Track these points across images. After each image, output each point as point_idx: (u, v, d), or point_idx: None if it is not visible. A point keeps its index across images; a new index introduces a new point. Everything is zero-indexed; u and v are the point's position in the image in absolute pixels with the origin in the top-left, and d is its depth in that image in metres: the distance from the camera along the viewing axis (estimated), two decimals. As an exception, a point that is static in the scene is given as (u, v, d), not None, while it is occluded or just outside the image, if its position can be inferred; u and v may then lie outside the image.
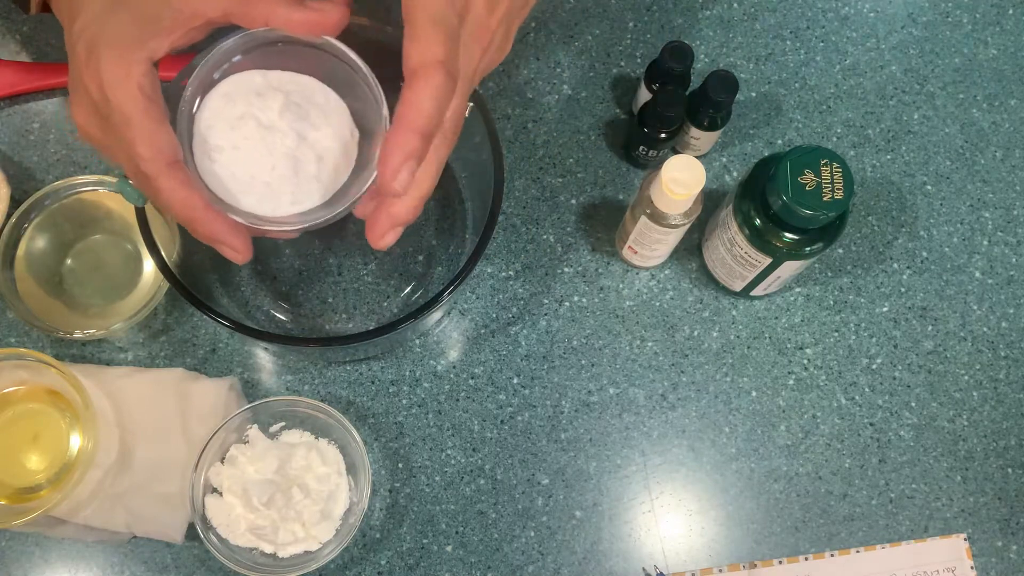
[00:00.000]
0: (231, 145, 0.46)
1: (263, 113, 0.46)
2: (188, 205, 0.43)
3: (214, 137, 0.46)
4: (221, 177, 0.46)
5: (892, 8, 0.77)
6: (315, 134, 0.47)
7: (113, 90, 0.42)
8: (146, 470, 0.61)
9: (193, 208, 0.43)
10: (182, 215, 0.44)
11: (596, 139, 0.72)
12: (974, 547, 0.65)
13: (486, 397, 0.66)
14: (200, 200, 0.44)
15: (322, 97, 0.48)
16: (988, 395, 0.68)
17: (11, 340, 0.65)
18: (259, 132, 0.46)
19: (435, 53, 0.42)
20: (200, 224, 0.44)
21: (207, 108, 0.47)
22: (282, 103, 0.46)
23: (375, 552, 0.63)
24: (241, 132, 0.46)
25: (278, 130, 0.46)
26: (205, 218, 0.44)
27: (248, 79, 0.47)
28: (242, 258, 0.45)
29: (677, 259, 0.69)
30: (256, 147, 0.46)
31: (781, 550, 0.64)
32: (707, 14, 0.76)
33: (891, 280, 0.70)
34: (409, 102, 0.42)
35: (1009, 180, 0.73)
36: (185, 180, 0.43)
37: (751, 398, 0.67)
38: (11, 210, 0.65)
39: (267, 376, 0.66)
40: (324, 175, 0.47)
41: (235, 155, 0.46)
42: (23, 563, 0.62)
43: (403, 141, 0.42)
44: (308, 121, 0.47)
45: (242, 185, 0.46)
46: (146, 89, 0.42)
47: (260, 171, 0.46)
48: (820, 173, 0.56)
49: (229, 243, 0.45)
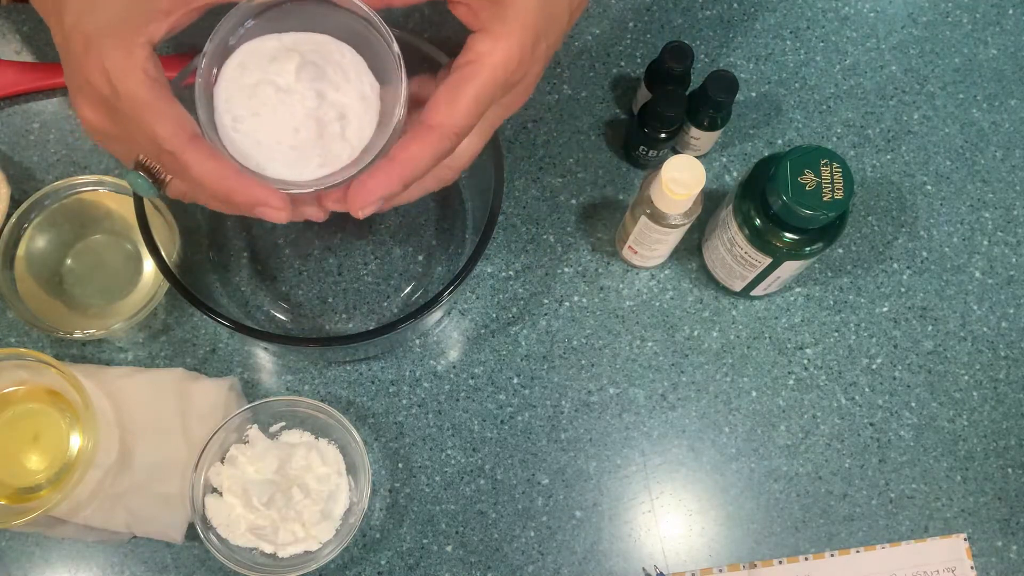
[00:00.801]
0: (251, 113, 0.45)
1: (279, 77, 0.45)
2: (220, 175, 0.42)
3: (233, 108, 0.45)
4: (246, 147, 0.45)
5: (892, 8, 0.77)
6: (335, 93, 0.45)
7: (120, 79, 0.41)
8: (146, 470, 0.61)
9: (225, 176, 0.42)
10: (216, 186, 0.42)
11: (596, 139, 0.72)
12: (974, 547, 0.65)
13: (486, 397, 0.66)
14: (231, 167, 0.42)
15: (338, 54, 0.46)
16: (988, 395, 0.68)
17: (11, 340, 0.65)
18: (277, 96, 0.45)
19: (458, 124, 0.43)
20: (236, 192, 0.42)
21: (223, 80, 0.45)
22: (297, 64, 0.45)
23: (375, 552, 0.63)
24: (259, 99, 0.45)
25: (296, 92, 0.45)
26: (240, 185, 0.42)
27: (261, 45, 0.46)
28: (285, 216, 0.43)
29: (677, 259, 0.69)
30: (276, 112, 0.45)
31: (781, 550, 0.64)
32: (707, 14, 0.76)
33: (891, 280, 0.70)
34: (410, 150, 0.43)
35: (1009, 180, 0.73)
36: (211, 151, 0.42)
37: (751, 398, 0.67)
38: (11, 210, 0.65)
39: (267, 376, 0.66)
40: (350, 132, 0.45)
41: (256, 122, 0.45)
42: (23, 563, 0.62)
43: (385, 183, 0.44)
44: (326, 80, 0.45)
45: (268, 152, 0.45)
46: (151, 72, 0.42)
47: (284, 136, 0.45)
48: (820, 173, 0.56)
49: (271, 203, 0.43)
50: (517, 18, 0.43)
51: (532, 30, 0.43)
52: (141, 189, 0.44)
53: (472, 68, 0.43)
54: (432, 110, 0.43)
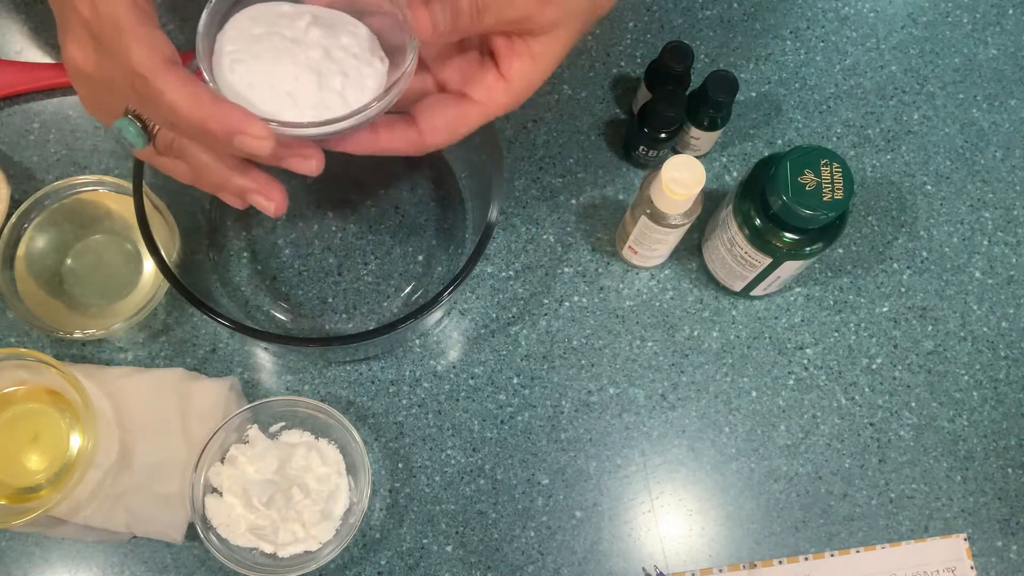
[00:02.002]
0: (251, 56, 0.44)
1: (289, 30, 0.45)
2: (195, 100, 0.40)
3: (235, 51, 0.44)
4: (239, 87, 0.43)
5: (892, 8, 0.77)
6: (341, 52, 0.45)
7: (105, 3, 0.41)
8: (146, 470, 0.61)
9: (200, 102, 0.40)
10: (191, 113, 0.40)
11: (596, 139, 0.72)
12: (974, 547, 0.65)
13: (486, 397, 0.66)
14: (207, 92, 0.41)
15: (352, 24, 0.47)
16: (988, 395, 0.68)
17: (11, 340, 0.65)
18: (283, 44, 0.44)
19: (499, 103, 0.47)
20: (213, 119, 0.40)
21: (229, 27, 0.45)
22: (309, 20, 0.45)
23: (375, 552, 0.63)
24: (264, 45, 0.44)
25: (304, 43, 0.44)
26: (217, 111, 0.40)
27: (275, 6, 0.46)
28: (268, 145, 0.41)
29: (677, 259, 0.69)
30: (279, 57, 0.44)
31: (781, 550, 0.64)
32: (707, 14, 0.76)
33: (891, 280, 0.70)
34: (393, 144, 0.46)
35: (1009, 180, 0.73)
36: (187, 77, 0.41)
37: (751, 398, 0.67)
38: (11, 210, 0.65)
39: (267, 376, 0.66)
40: (349, 92, 0.45)
41: (255, 65, 0.44)
42: (23, 563, 0.62)
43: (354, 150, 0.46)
44: (336, 39, 0.45)
45: (261, 93, 0.43)
46: (139, 1, 0.41)
47: (281, 80, 0.44)
48: (820, 173, 0.56)
49: (251, 130, 0.41)
50: (536, 81, 0.47)
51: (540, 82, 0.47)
52: (130, 135, 0.43)
53: (479, 110, 0.47)
54: (432, 132, 0.47)
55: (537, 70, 0.47)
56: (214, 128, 0.40)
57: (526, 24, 0.45)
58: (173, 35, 0.72)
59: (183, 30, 0.72)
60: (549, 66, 0.47)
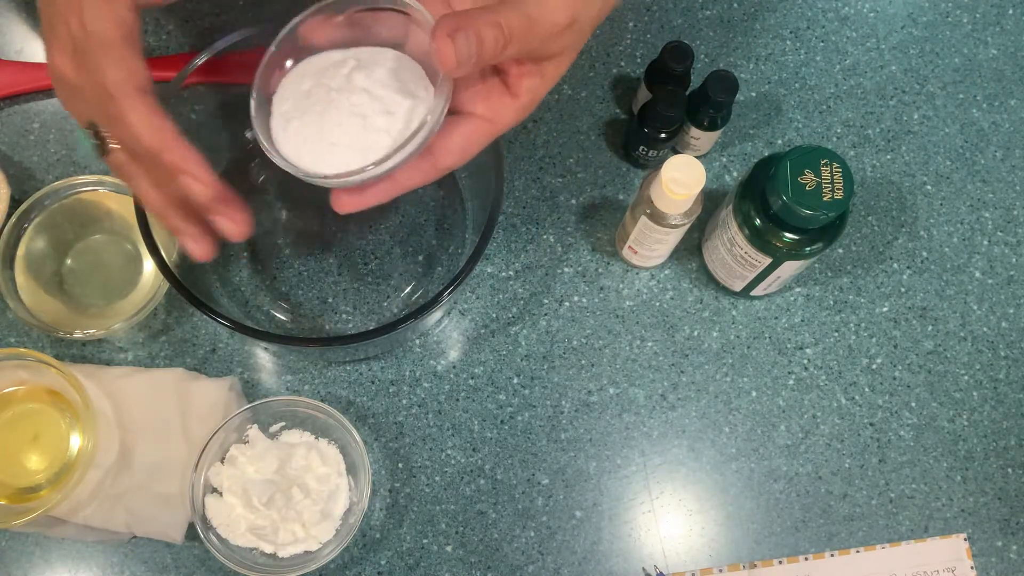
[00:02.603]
0: (300, 112, 0.46)
1: (334, 79, 0.47)
2: (156, 131, 0.43)
3: (287, 111, 0.47)
4: (293, 144, 0.46)
5: (892, 8, 0.77)
6: (384, 90, 0.46)
7: (93, 20, 0.42)
8: (146, 470, 0.61)
9: (162, 134, 0.43)
10: (150, 142, 0.43)
11: (596, 139, 0.72)
12: (974, 547, 0.65)
13: (486, 397, 0.66)
14: (170, 127, 0.43)
15: (394, 60, 0.48)
16: (988, 395, 0.68)
17: (11, 340, 0.65)
18: (329, 95, 0.46)
19: (458, 166, 0.47)
20: (168, 152, 0.43)
21: (283, 87, 0.48)
22: (352, 66, 0.47)
23: (375, 552, 0.63)
24: (311, 99, 0.46)
25: (347, 90, 0.46)
26: (174, 146, 0.43)
27: (326, 56, 0.48)
28: (205, 194, 0.44)
29: (677, 259, 0.69)
30: (325, 110, 0.46)
31: (781, 550, 0.64)
32: (707, 14, 0.76)
33: (891, 280, 0.70)
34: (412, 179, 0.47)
35: (1009, 180, 0.73)
36: (154, 107, 0.43)
37: (751, 398, 0.67)
38: (11, 210, 0.65)
39: (267, 376, 0.66)
40: (395, 129, 0.46)
41: (305, 119, 0.46)
42: (23, 563, 0.62)
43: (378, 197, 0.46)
44: (378, 79, 0.47)
45: (312, 149, 0.46)
46: (127, 23, 0.43)
47: (329, 132, 0.46)
48: (820, 173, 0.56)
49: (193, 172, 0.43)
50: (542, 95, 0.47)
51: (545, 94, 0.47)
52: (84, 148, 0.46)
53: (488, 127, 0.47)
54: (446, 154, 0.47)
55: (545, 85, 0.47)
56: (167, 159, 0.43)
57: (543, 52, 0.45)
58: (173, 35, 0.72)
59: (183, 30, 0.72)
60: (556, 80, 0.47)
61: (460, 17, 0.41)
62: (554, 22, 0.43)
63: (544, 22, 0.43)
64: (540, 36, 0.43)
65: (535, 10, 0.43)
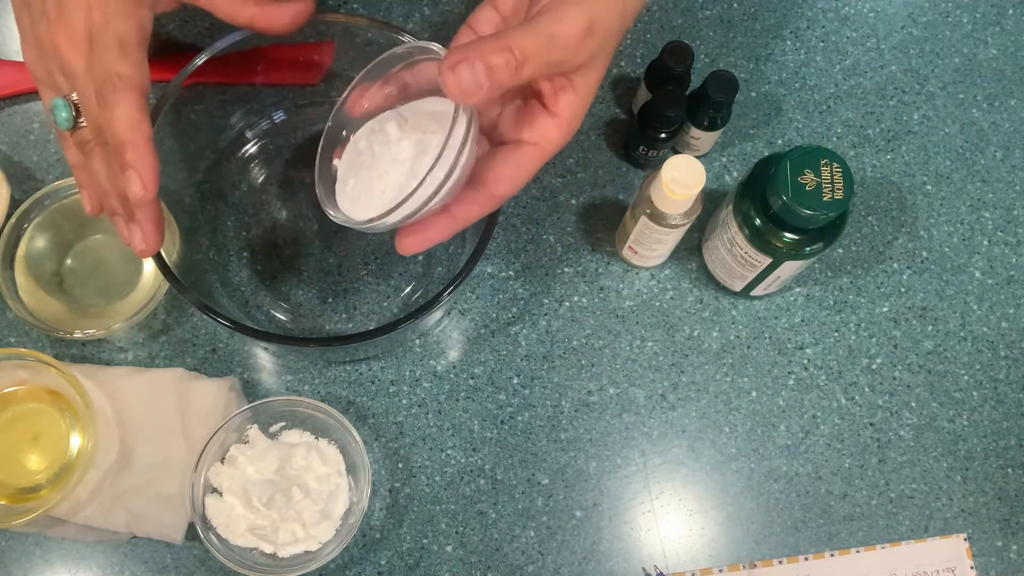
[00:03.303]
0: (355, 169, 0.51)
1: (382, 134, 0.50)
2: (133, 127, 0.46)
3: (344, 171, 0.52)
4: (350, 201, 0.50)
5: (892, 8, 0.77)
6: (424, 135, 0.49)
7: (118, 19, 0.47)
8: (146, 470, 0.61)
9: (136, 131, 0.46)
10: (124, 133, 0.46)
11: (596, 139, 0.72)
12: (974, 547, 0.65)
13: (486, 397, 0.66)
14: (146, 129, 0.46)
15: (434, 104, 0.50)
16: (988, 395, 0.68)
17: (11, 340, 0.65)
18: (378, 149, 0.50)
19: (514, 192, 0.48)
20: (133, 148, 0.46)
21: (346, 151, 0.52)
22: (395, 120, 0.50)
23: (375, 552, 0.63)
24: (364, 156, 0.51)
25: (390, 142, 0.49)
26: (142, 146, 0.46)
27: (374, 121, 0.52)
28: (142, 193, 0.46)
29: (677, 259, 0.69)
30: (373, 162, 0.49)
31: (781, 550, 0.64)
32: (707, 14, 0.76)
33: (891, 280, 0.70)
34: (471, 212, 0.48)
35: (1009, 180, 0.73)
36: (144, 109, 0.47)
37: (751, 398, 0.67)
38: (11, 210, 0.65)
39: (267, 376, 0.66)
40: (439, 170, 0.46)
41: (359, 175, 0.50)
42: (23, 563, 0.62)
43: (442, 234, 0.48)
44: (415, 125, 0.49)
45: (365, 201, 0.49)
46: (145, 30, 0.49)
47: (378, 182, 0.48)
48: (820, 173, 0.56)
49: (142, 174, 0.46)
50: (583, 109, 0.47)
51: (586, 110, 0.48)
52: (60, 117, 0.49)
53: (536, 151, 0.47)
54: (497, 182, 0.47)
55: (583, 100, 0.47)
56: (127, 155, 0.46)
57: (567, 64, 0.45)
58: (173, 35, 0.72)
59: (183, 30, 0.72)
60: (592, 93, 0.47)
61: (468, 47, 0.42)
62: (570, 33, 0.44)
63: (560, 35, 0.43)
64: (560, 49, 0.44)
65: (549, 26, 0.43)
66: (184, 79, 0.58)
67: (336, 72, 0.67)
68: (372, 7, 0.75)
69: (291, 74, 0.68)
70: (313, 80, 0.68)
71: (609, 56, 0.47)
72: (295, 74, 0.68)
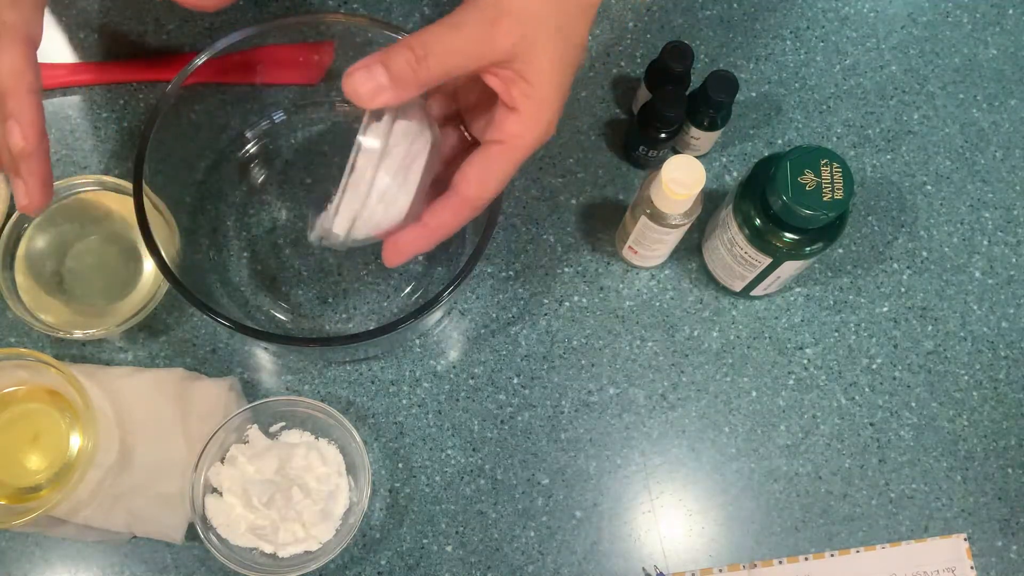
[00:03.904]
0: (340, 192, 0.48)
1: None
2: (15, 75, 0.45)
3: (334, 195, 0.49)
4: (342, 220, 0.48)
5: (892, 8, 0.77)
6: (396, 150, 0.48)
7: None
8: (146, 470, 0.61)
9: (19, 80, 0.45)
10: (4, 81, 0.45)
11: (596, 139, 0.72)
12: (974, 547, 0.65)
13: (486, 397, 0.66)
14: (29, 81, 0.45)
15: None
16: (988, 395, 0.68)
17: (11, 340, 0.65)
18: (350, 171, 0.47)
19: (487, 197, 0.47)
20: (13, 97, 0.45)
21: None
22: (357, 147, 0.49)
23: (375, 552, 0.63)
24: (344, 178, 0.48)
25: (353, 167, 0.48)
26: (23, 95, 0.45)
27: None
28: (21, 144, 0.45)
29: (677, 259, 0.69)
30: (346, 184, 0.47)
31: (781, 550, 0.64)
32: (707, 14, 0.76)
33: (891, 280, 0.70)
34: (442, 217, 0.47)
35: (1009, 180, 0.73)
36: (30, 59, 0.46)
37: (751, 398, 0.67)
38: (11, 210, 0.65)
39: (267, 376, 0.66)
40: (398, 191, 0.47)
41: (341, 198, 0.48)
42: (23, 563, 0.62)
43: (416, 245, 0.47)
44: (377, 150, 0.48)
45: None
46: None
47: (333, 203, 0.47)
48: (820, 173, 0.56)
49: (22, 124, 0.45)
50: (545, 98, 0.46)
51: (556, 106, 0.47)
52: None
53: (502, 149, 0.46)
54: (464, 183, 0.46)
55: (540, 89, 0.45)
56: (8, 105, 0.45)
57: (492, 53, 0.44)
58: (173, 35, 0.72)
59: (183, 30, 0.72)
60: (552, 80, 0.46)
61: (373, 54, 0.42)
62: (476, 19, 0.43)
63: (465, 23, 0.43)
64: (467, 38, 0.43)
65: (454, 17, 0.43)
66: (184, 79, 0.58)
67: (336, 72, 0.67)
68: (372, 7, 0.75)
69: (291, 74, 0.68)
70: (313, 80, 0.68)
71: (552, 34, 0.45)
72: (295, 74, 0.68)
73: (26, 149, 0.46)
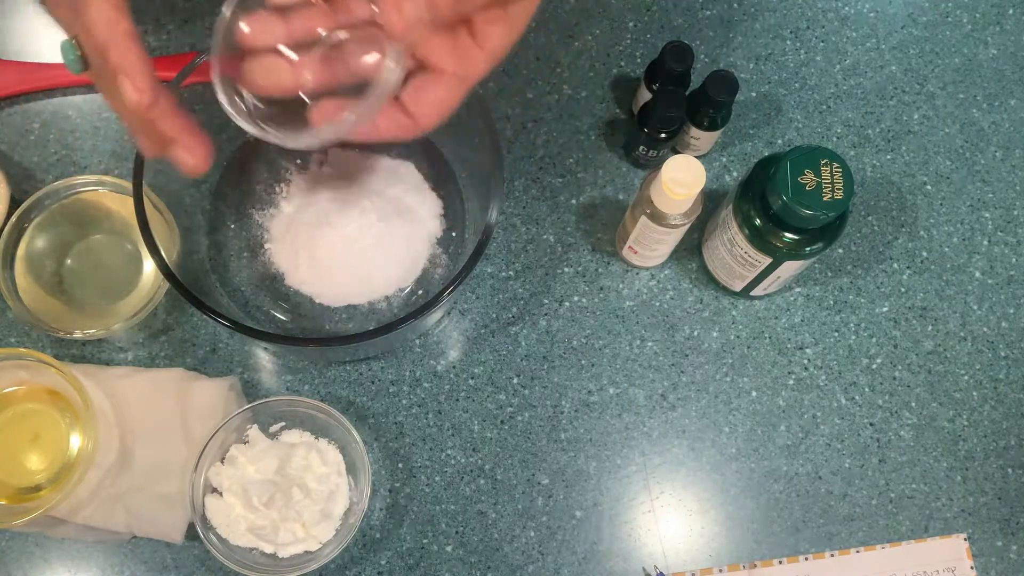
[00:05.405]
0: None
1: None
2: (109, 25, 0.40)
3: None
4: None
5: (892, 8, 0.77)
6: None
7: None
8: (146, 470, 0.61)
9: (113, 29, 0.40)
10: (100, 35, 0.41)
11: (596, 139, 0.72)
12: (974, 547, 0.65)
13: (486, 397, 0.66)
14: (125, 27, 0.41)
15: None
16: (988, 395, 0.68)
17: (11, 340, 0.65)
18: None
19: (478, 72, 0.46)
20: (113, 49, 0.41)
21: None
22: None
23: (375, 552, 0.63)
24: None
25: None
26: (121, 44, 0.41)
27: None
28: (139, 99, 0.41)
29: (677, 259, 0.69)
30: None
31: (781, 550, 0.64)
32: (707, 14, 0.76)
33: (891, 280, 0.70)
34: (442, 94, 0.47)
35: (1009, 180, 0.73)
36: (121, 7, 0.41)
37: (751, 398, 0.67)
38: (11, 210, 0.65)
39: (267, 376, 0.66)
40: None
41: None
42: (23, 563, 0.62)
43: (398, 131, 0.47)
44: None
45: None
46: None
47: None
48: (820, 173, 0.56)
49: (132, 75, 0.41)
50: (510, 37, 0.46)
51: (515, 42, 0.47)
52: (67, 60, 0.44)
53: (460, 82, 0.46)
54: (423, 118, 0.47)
55: (514, 32, 0.46)
56: (112, 61, 0.40)
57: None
58: (173, 35, 0.72)
59: (183, 30, 0.72)
60: (524, 25, 0.46)
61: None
62: None
63: None
64: None
65: None
66: (184, 79, 0.58)
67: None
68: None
69: (291, 74, 0.67)
70: (313, 80, 0.68)
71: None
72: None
73: (142, 101, 0.41)
